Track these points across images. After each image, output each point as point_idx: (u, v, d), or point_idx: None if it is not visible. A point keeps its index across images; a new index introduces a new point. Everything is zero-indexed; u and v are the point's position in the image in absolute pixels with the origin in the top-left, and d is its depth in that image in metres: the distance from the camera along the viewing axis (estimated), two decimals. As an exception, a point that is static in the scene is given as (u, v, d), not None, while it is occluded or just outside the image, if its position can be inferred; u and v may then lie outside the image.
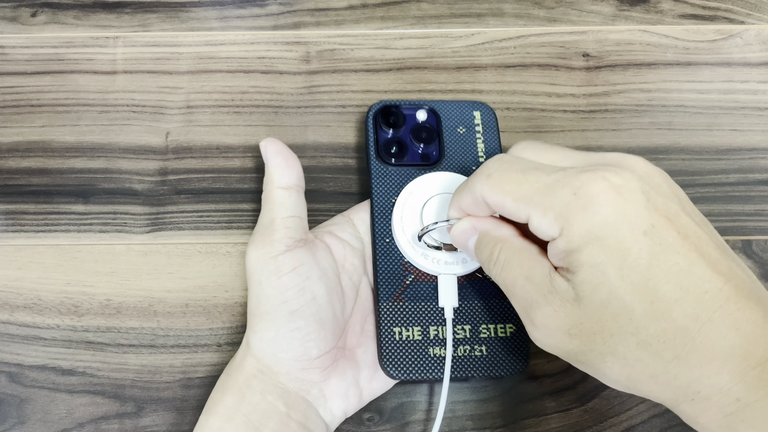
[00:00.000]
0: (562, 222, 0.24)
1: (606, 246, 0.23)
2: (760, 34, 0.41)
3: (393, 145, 0.36)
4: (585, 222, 0.23)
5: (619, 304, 0.23)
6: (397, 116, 0.36)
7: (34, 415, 0.34)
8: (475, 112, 0.37)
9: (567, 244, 0.24)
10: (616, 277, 0.23)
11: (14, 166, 0.38)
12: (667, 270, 0.22)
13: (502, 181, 0.26)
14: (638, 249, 0.23)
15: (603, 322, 0.23)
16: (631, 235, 0.23)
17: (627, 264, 0.23)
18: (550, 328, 0.24)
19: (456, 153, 0.36)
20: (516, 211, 0.25)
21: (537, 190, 0.25)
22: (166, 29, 0.41)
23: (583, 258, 0.23)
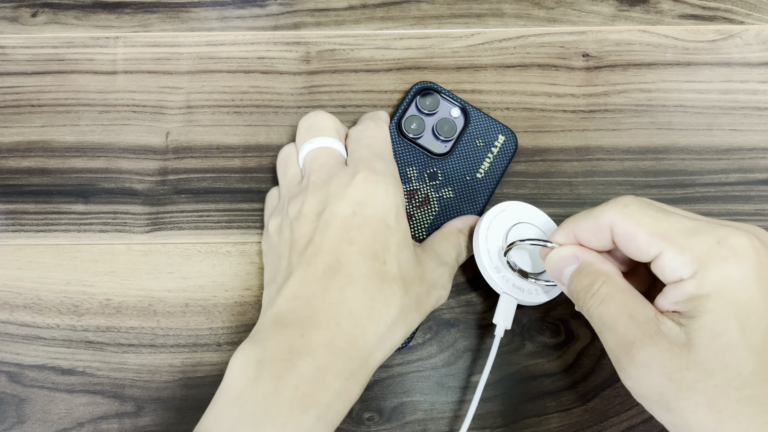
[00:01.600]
0: (698, 265, 0.24)
1: (736, 299, 0.23)
2: (760, 34, 0.41)
3: (414, 122, 0.38)
4: (724, 271, 0.23)
5: (733, 356, 0.23)
6: (434, 99, 0.38)
7: (33, 415, 0.34)
8: (501, 136, 0.38)
9: (697, 288, 0.24)
10: (737, 331, 0.23)
11: (14, 166, 0.38)
12: None
13: (640, 214, 0.26)
14: (764, 310, 0.23)
15: (711, 371, 0.23)
16: (760, 296, 0.23)
17: (751, 322, 0.23)
18: (652, 368, 0.24)
19: (461, 158, 0.37)
20: (647, 246, 0.25)
21: (678, 230, 0.25)
22: (167, 29, 0.41)
23: (710, 305, 0.23)
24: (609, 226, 0.27)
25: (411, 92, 0.38)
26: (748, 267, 0.23)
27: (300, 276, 0.29)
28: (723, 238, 0.24)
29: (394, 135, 0.38)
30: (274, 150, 0.39)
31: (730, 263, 0.24)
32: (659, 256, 0.25)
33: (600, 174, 0.38)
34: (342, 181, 0.30)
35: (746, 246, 0.24)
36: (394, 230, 0.29)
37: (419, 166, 0.37)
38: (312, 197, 0.31)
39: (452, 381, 0.34)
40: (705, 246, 0.24)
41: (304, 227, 0.30)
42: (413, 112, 0.38)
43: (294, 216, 0.31)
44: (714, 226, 0.25)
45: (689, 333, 0.24)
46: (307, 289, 0.28)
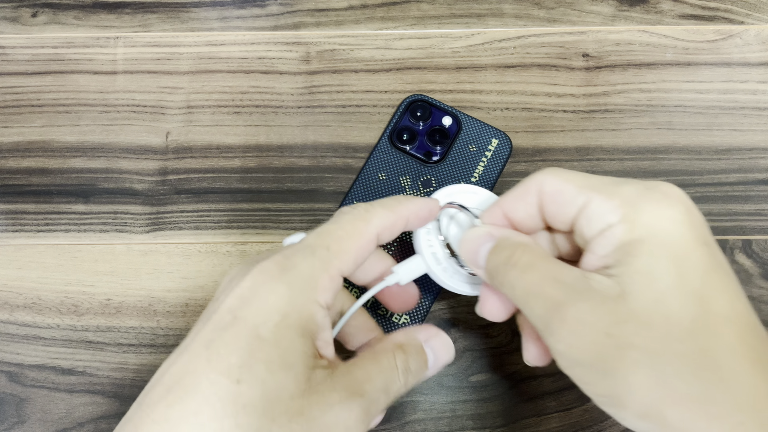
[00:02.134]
0: (627, 208, 0.23)
1: (671, 241, 0.22)
2: (760, 34, 0.41)
3: (406, 132, 0.38)
4: (656, 211, 0.22)
5: (671, 306, 0.21)
6: (424, 110, 0.38)
7: (33, 415, 0.34)
8: (494, 140, 0.38)
9: (627, 232, 0.22)
10: (676, 274, 0.21)
11: (14, 166, 0.38)
12: (721, 287, 0.22)
13: (567, 173, 0.25)
14: (700, 255, 0.22)
15: (651, 322, 0.21)
16: (694, 240, 0.22)
17: (687, 265, 0.21)
18: (585, 323, 0.22)
19: (455, 164, 0.37)
20: (574, 197, 0.24)
21: (605, 181, 0.24)
22: (167, 29, 0.41)
23: (643, 248, 0.22)
24: (537, 188, 0.26)
25: (402, 105, 0.39)
26: (680, 209, 0.22)
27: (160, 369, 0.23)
28: (652, 186, 0.23)
29: (387, 147, 0.38)
30: (275, 150, 0.39)
31: (661, 205, 0.22)
32: (586, 206, 0.24)
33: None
34: (245, 267, 0.24)
35: (676, 192, 0.23)
36: (266, 343, 0.22)
37: (413, 175, 0.37)
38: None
39: (452, 381, 0.34)
40: (634, 191, 0.23)
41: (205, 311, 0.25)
42: (405, 123, 0.38)
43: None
44: (642, 180, 0.24)
45: (623, 282, 0.22)
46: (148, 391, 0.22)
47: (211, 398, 0.21)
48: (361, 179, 0.37)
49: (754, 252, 0.37)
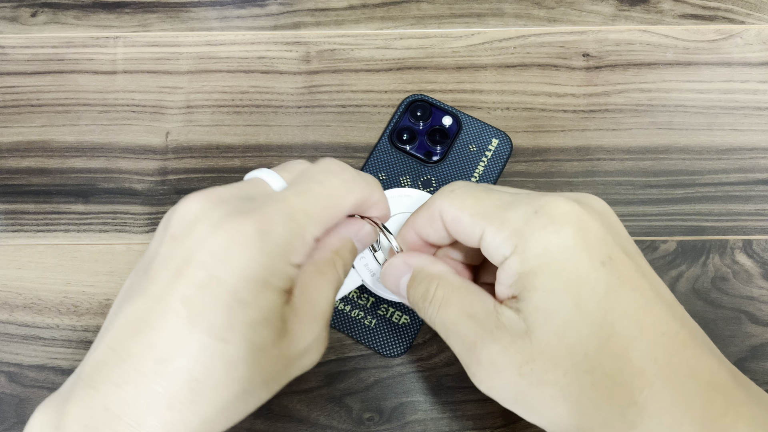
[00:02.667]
0: (517, 239, 0.22)
1: (563, 270, 0.21)
2: (760, 34, 0.41)
3: (406, 132, 0.38)
4: (543, 240, 0.22)
5: (574, 336, 0.21)
6: (424, 110, 0.38)
7: (33, 415, 0.34)
8: (494, 140, 0.38)
9: (520, 264, 0.22)
10: (572, 305, 0.21)
11: (14, 166, 0.38)
12: (625, 305, 0.21)
13: (463, 196, 0.25)
14: (596, 278, 0.21)
15: (557, 358, 0.21)
16: (589, 262, 0.21)
17: (584, 293, 0.21)
18: (499, 367, 0.22)
19: (455, 164, 0.37)
20: (471, 228, 0.24)
21: (497, 205, 0.24)
22: (166, 29, 0.41)
23: (537, 281, 0.22)
24: (439, 214, 0.25)
25: (402, 105, 0.39)
26: (569, 233, 0.22)
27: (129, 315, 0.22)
28: (540, 207, 0.22)
29: (387, 147, 0.38)
30: (275, 150, 0.39)
31: (548, 231, 0.22)
32: (482, 237, 0.24)
33: (600, 174, 0.38)
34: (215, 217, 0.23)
35: (564, 211, 0.22)
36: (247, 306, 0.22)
37: (413, 174, 0.37)
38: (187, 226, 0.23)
39: (452, 381, 0.34)
40: (522, 217, 0.22)
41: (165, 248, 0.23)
42: (405, 123, 0.38)
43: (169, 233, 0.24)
44: (534, 197, 0.23)
45: (526, 319, 0.22)
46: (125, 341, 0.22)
47: (202, 358, 0.21)
48: None
49: (754, 252, 0.37)
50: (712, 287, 0.36)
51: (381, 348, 0.34)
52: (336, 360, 0.34)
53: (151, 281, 0.22)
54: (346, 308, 0.35)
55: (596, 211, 0.23)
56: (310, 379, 0.34)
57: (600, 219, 0.23)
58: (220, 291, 0.22)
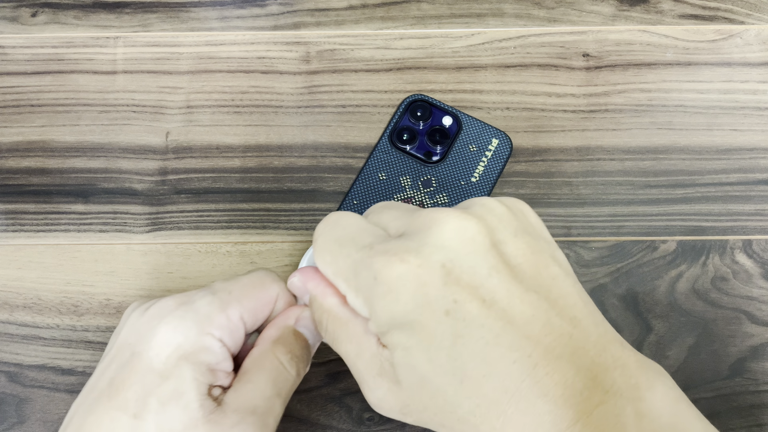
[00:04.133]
0: (369, 306, 0.24)
1: (412, 331, 0.23)
2: (760, 34, 0.41)
3: (406, 132, 0.37)
4: (387, 309, 0.23)
5: (432, 386, 0.23)
6: (424, 110, 0.38)
7: (33, 415, 0.34)
8: (494, 140, 0.38)
9: (377, 327, 0.24)
10: (425, 361, 0.22)
11: (14, 166, 0.38)
12: (473, 346, 0.22)
13: (323, 250, 0.26)
14: (442, 331, 0.22)
15: (424, 403, 0.23)
16: (433, 318, 0.22)
17: (433, 347, 0.22)
18: (384, 409, 0.25)
19: (455, 164, 0.37)
20: (336, 285, 0.26)
21: (348, 267, 0.25)
22: (167, 29, 0.41)
23: (394, 340, 0.23)
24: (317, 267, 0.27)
25: (402, 105, 0.39)
26: (407, 299, 0.23)
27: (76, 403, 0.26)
28: (378, 272, 0.23)
29: (387, 147, 0.38)
30: (274, 150, 0.39)
31: (388, 300, 0.23)
32: (347, 298, 0.25)
33: (600, 174, 0.38)
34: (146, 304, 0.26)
35: (399, 275, 0.23)
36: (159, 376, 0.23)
37: (413, 175, 0.37)
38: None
39: (452, 381, 0.34)
40: (367, 285, 0.24)
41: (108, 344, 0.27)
42: (405, 123, 0.38)
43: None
44: (374, 256, 0.23)
45: (395, 370, 0.23)
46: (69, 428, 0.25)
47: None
48: (361, 179, 0.37)
49: (754, 252, 0.37)
50: (712, 287, 0.36)
51: None
52: (336, 360, 0.34)
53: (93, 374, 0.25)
54: None
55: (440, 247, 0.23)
56: (310, 379, 0.34)
57: (442, 260, 0.23)
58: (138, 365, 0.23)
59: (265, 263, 0.36)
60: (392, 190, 0.37)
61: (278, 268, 0.36)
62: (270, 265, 0.36)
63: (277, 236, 0.37)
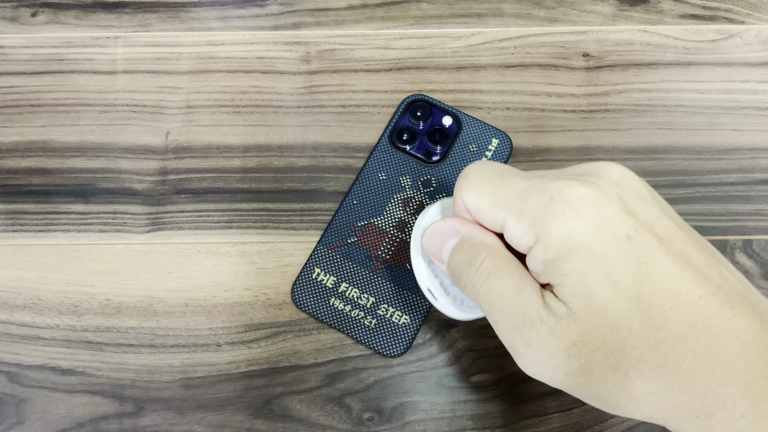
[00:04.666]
0: (538, 228, 0.22)
1: (591, 252, 0.21)
2: (760, 34, 0.41)
3: (406, 132, 0.38)
4: (564, 227, 0.22)
5: (616, 313, 0.21)
6: (424, 110, 0.38)
7: (33, 415, 0.34)
8: (494, 139, 0.38)
9: (545, 252, 0.22)
10: (608, 284, 0.21)
11: (14, 166, 0.38)
12: (658, 275, 0.21)
13: (479, 183, 0.25)
14: (625, 254, 0.21)
15: (603, 337, 0.21)
16: (615, 241, 0.21)
17: (616, 270, 0.21)
18: (548, 349, 0.22)
19: (455, 164, 0.37)
20: (492, 216, 0.24)
21: (513, 194, 0.23)
22: (166, 29, 0.41)
23: (566, 266, 0.22)
24: (462, 204, 0.25)
25: (402, 105, 0.38)
26: (588, 215, 0.22)
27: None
28: (555, 193, 0.22)
29: (387, 147, 0.38)
30: (274, 150, 0.39)
31: (567, 217, 0.22)
32: (504, 227, 0.24)
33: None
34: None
35: (581, 194, 0.22)
36: None
37: (413, 175, 0.37)
38: None
39: (452, 381, 0.34)
40: (539, 205, 0.22)
41: None
42: (405, 123, 0.38)
43: None
44: (549, 180, 0.23)
45: (567, 303, 0.22)
46: None
47: None
48: (361, 179, 0.37)
49: (754, 252, 0.37)
50: (712, 287, 0.36)
51: (381, 348, 0.34)
52: (336, 360, 0.34)
53: None
54: (346, 308, 0.35)
55: (613, 183, 0.23)
56: (310, 379, 0.34)
57: (617, 191, 0.22)
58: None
59: (265, 263, 0.36)
60: (392, 190, 0.37)
61: (278, 269, 0.36)
62: (270, 265, 0.36)
63: (277, 236, 0.37)
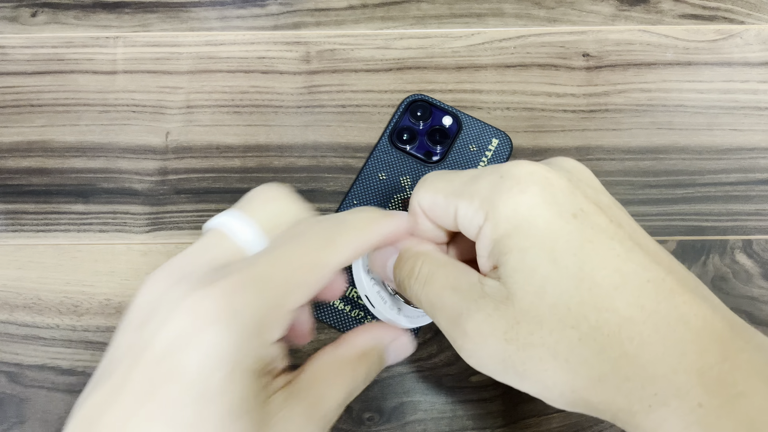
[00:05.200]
0: (487, 206, 0.22)
1: (535, 228, 0.21)
2: (760, 34, 0.41)
3: (406, 132, 0.38)
4: (510, 202, 0.21)
5: (554, 291, 0.20)
6: (425, 110, 0.38)
7: (33, 415, 0.34)
8: (494, 139, 0.38)
9: (493, 229, 0.22)
10: (548, 261, 0.21)
11: (14, 166, 0.38)
12: (603, 255, 0.20)
13: (435, 181, 0.25)
14: (569, 231, 0.21)
15: (540, 317, 0.20)
16: (560, 217, 0.21)
17: (559, 247, 0.21)
18: (485, 335, 0.21)
19: (455, 164, 0.37)
20: (446, 208, 0.24)
21: (466, 180, 0.23)
22: (166, 29, 0.41)
23: (511, 243, 0.21)
24: (418, 204, 0.25)
25: (402, 105, 0.39)
26: (535, 191, 0.21)
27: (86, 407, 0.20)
28: (505, 172, 0.22)
29: (387, 147, 0.38)
30: (274, 150, 0.39)
31: (514, 193, 0.21)
32: (456, 214, 0.23)
33: (600, 174, 0.38)
34: (175, 297, 0.20)
35: (529, 171, 0.22)
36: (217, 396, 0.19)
37: (413, 175, 0.37)
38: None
39: (452, 381, 0.34)
40: (488, 185, 0.22)
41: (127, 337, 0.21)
42: (405, 123, 0.38)
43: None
44: (499, 165, 0.23)
45: (506, 283, 0.21)
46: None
47: None
48: (361, 179, 0.37)
49: (754, 252, 0.37)
50: (712, 287, 0.36)
51: None
52: (336, 360, 0.34)
53: (111, 373, 0.20)
54: (346, 308, 0.35)
55: (564, 168, 0.23)
56: (310, 379, 0.34)
57: (567, 175, 0.22)
58: (185, 382, 0.19)
59: (265, 263, 0.36)
60: (392, 190, 0.37)
61: (278, 268, 0.36)
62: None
63: (277, 236, 0.37)
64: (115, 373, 0.20)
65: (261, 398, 0.20)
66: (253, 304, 0.20)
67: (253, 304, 0.20)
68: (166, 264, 0.22)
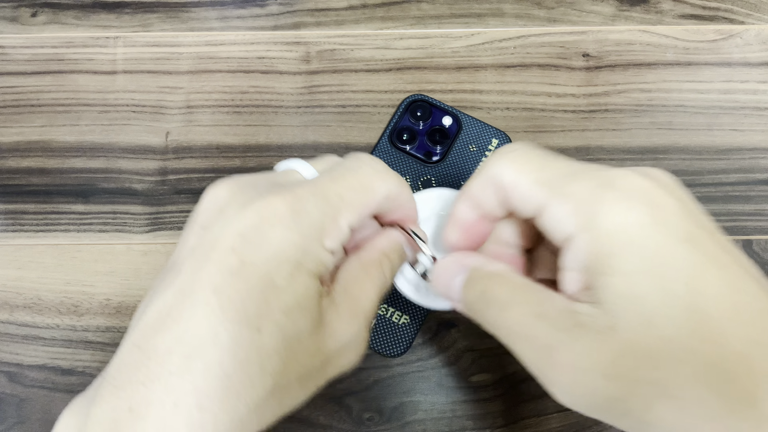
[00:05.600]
0: (585, 215, 0.20)
1: (645, 251, 0.19)
2: (760, 34, 0.41)
3: (406, 132, 0.38)
4: (617, 218, 0.19)
5: (665, 322, 0.18)
6: (424, 110, 0.38)
7: (33, 415, 0.34)
8: (494, 139, 0.38)
9: (591, 243, 0.20)
10: (658, 289, 0.19)
11: (14, 166, 0.38)
12: (715, 284, 0.19)
13: (524, 159, 0.23)
14: (682, 257, 0.19)
15: (648, 350, 0.18)
16: (671, 242, 0.19)
17: (669, 275, 0.19)
18: (583, 369, 0.19)
19: (455, 164, 0.37)
20: (529, 196, 0.22)
21: (560, 174, 0.21)
22: (166, 29, 0.41)
23: (614, 264, 0.19)
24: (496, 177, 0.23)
25: (402, 105, 0.39)
26: (644, 210, 0.19)
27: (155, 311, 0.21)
28: (609, 180, 0.20)
29: (387, 147, 0.38)
30: (274, 150, 0.39)
31: (621, 207, 0.20)
32: (543, 210, 0.22)
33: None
34: (243, 199, 0.22)
35: (638, 186, 0.20)
36: (282, 291, 0.21)
37: (413, 175, 0.37)
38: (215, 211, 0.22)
39: (452, 381, 0.34)
40: (588, 190, 0.20)
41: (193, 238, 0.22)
42: (405, 123, 0.38)
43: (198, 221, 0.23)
44: (603, 168, 0.21)
45: (608, 310, 0.19)
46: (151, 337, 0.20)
47: (234, 350, 0.20)
48: None
49: (754, 252, 0.37)
50: (712, 287, 0.36)
51: (381, 348, 0.34)
52: (336, 360, 0.34)
53: (178, 273, 0.21)
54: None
55: (666, 185, 0.21)
56: (310, 379, 0.34)
57: (673, 194, 0.21)
58: (252, 276, 0.20)
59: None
60: None
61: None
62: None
63: (277, 236, 0.37)
64: (183, 274, 0.21)
65: (317, 298, 0.22)
66: (314, 211, 0.22)
67: (314, 212, 0.22)
68: (233, 176, 0.23)
